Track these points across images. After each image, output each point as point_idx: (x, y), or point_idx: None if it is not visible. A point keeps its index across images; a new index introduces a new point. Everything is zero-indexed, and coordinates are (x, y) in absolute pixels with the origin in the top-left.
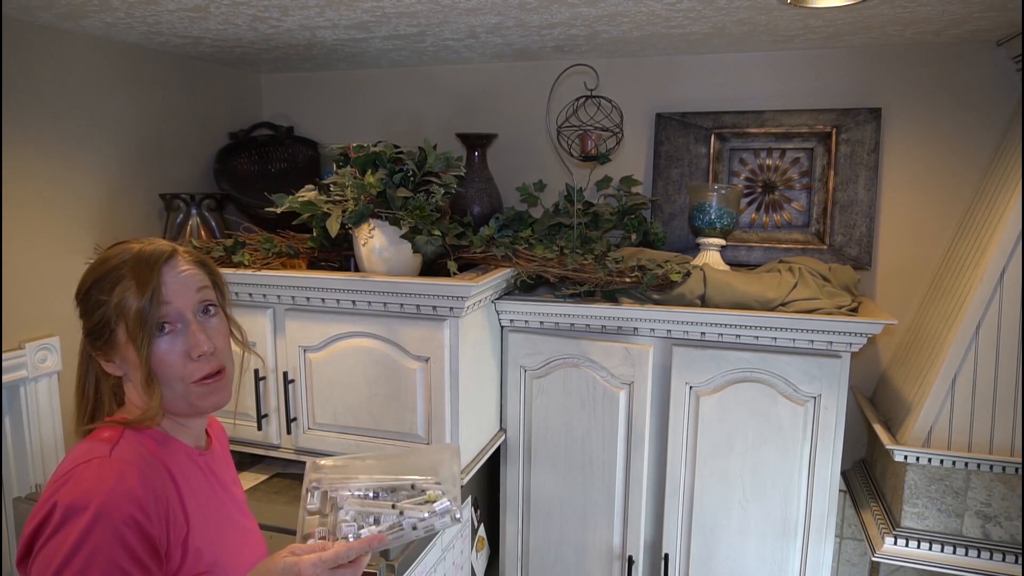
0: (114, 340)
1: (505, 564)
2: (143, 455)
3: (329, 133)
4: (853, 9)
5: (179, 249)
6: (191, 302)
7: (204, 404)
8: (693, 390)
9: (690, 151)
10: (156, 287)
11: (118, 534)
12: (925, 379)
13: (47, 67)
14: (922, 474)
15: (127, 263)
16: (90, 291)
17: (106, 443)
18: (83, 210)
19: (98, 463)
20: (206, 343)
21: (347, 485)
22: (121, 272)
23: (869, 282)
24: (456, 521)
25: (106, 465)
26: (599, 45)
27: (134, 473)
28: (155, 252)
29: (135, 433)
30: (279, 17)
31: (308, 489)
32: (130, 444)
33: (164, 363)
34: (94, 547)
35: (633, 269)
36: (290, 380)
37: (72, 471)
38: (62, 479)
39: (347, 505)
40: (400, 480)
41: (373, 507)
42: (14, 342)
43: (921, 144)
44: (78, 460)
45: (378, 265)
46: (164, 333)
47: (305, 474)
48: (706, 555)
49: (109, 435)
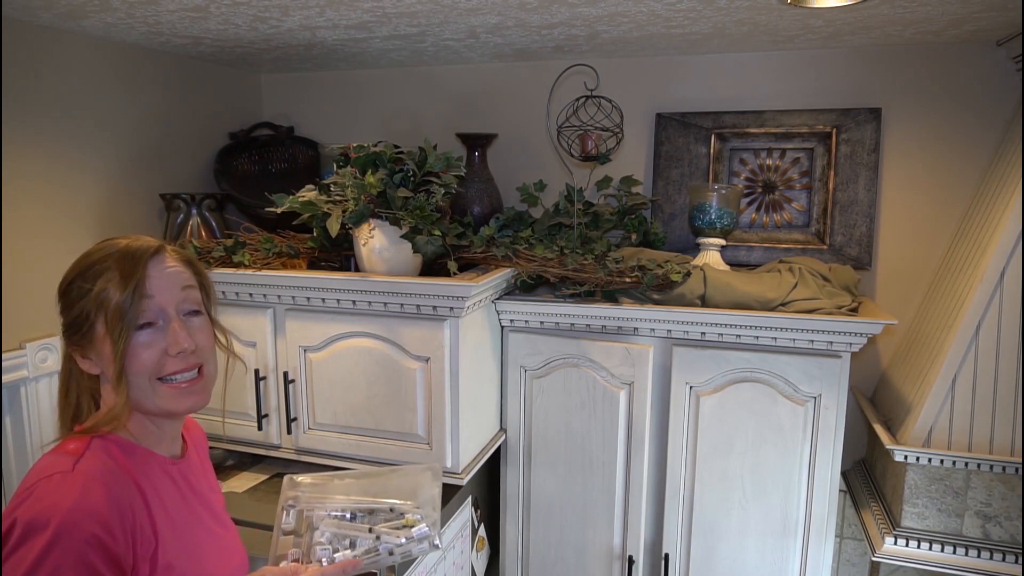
0: (92, 334)
1: (505, 564)
2: (109, 467)
3: (329, 133)
4: (853, 9)
5: (167, 246)
6: (174, 299)
7: (176, 405)
8: (693, 390)
9: (690, 151)
10: (140, 280)
11: (79, 553)
12: (925, 379)
13: (47, 67)
14: (922, 474)
15: (112, 256)
16: (72, 283)
17: (70, 456)
18: (83, 210)
19: (60, 478)
20: (186, 340)
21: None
22: (106, 264)
23: (869, 282)
24: (435, 547)
25: (68, 480)
26: (599, 45)
27: (98, 488)
28: (142, 247)
29: (102, 444)
30: (279, 17)
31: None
32: (95, 456)
33: (138, 359)
34: (54, 566)
35: (633, 269)
36: (290, 380)
37: (33, 486)
38: (23, 494)
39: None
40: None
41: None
42: (14, 342)
43: (921, 144)
44: (40, 474)
45: (378, 265)
46: (144, 328)
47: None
48: (706, 555)
49: (74, 447)
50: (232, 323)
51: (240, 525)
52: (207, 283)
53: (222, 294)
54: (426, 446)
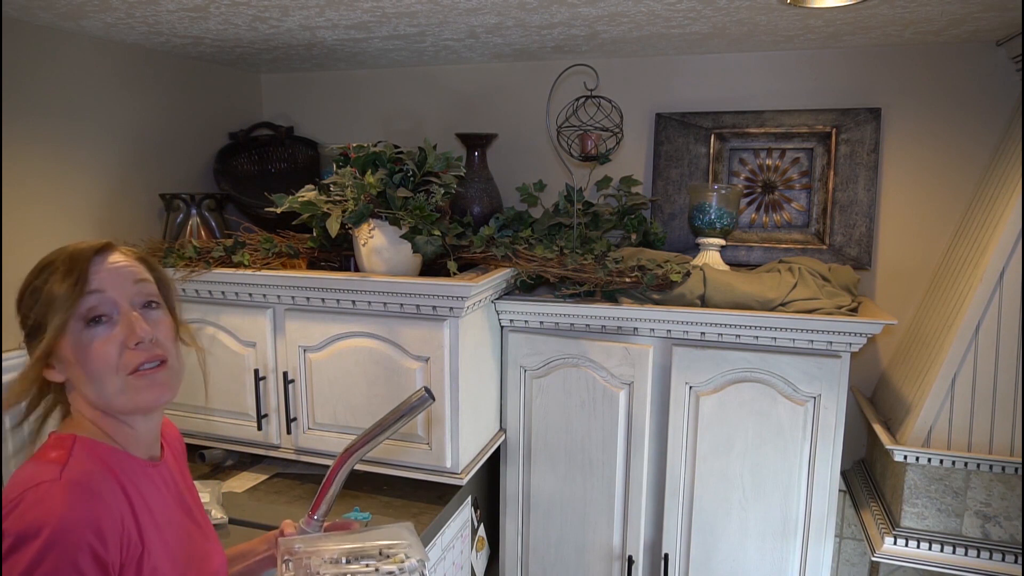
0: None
1: (505, 564)
2: (94, 474)
3: (329, 133)
4: (853, 9)
5: (117, 246)
6: (127, 293)
7: (143, 399)
8: (693, 390)
9: (690, 151)
10: (82, 272)
11: (72, 562)
12: (925, 379)
13: (47, 67)
14: (922, 474)
15: (60, 258)
16: (26, 291)
17: (55, 464)
18: (83, 210)
19: (48, 487)
20: (143, 330)
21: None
22: (54, 266)
23: (869, 282)
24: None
25: (56, 488)
26: (599, 45)
27: (87, 495)
28: (87, 247)
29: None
30: (279, 17)
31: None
32: (79, 463)
33: (99, 357)
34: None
35: (633, 269)
36: (290, 380)
37: (21, 496)
38: (10, 505)
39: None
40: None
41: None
42: (14, 342)
43: (921, 144)
44: (27, 484)
45: (378, 265)
46: (99, 324)
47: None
48: (706, 555)
49: (56, 455)
50: (232, 323)
51: (240, 525)
52: (163, 277)
53: (222, 294)
54: (426, 446)
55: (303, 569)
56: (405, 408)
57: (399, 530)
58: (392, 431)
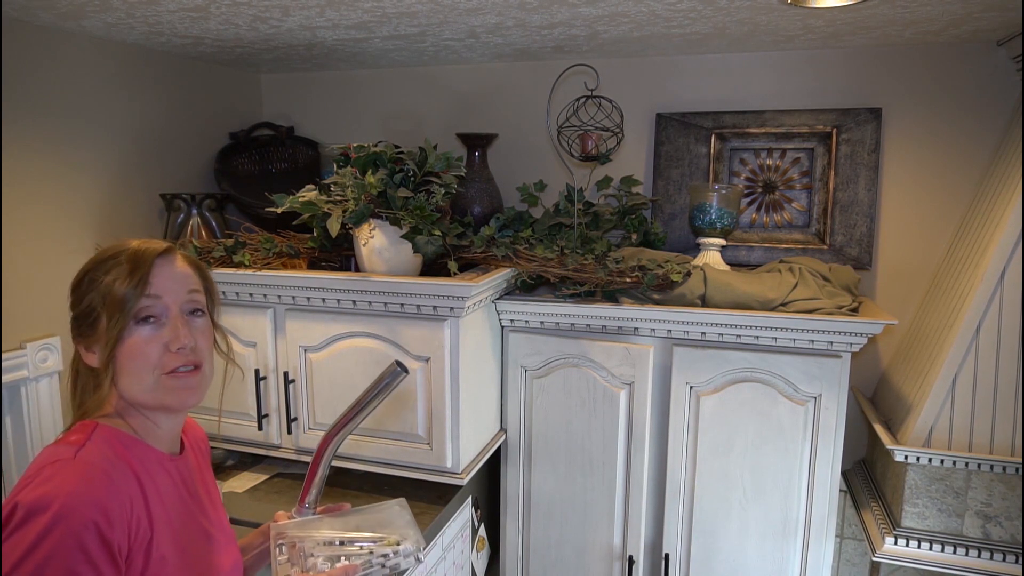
0: (97, 327)
1: (505, 564)
2: (109, 457)
3: (329, 133)
4: (853, 9)
5: (178, 250)
6: (179, 299)
7: (172, 399)
8: (693, 390)
9: (690, 151)
10: (145, 275)
11: (77, 538)
12: (925, 379)
13: (47, 67)
14: (922, 474)
15: (124, 253)
16: (85, 277)
17: (73, 446)
18: (84, 210)
19: (62, 465)
20: (187, 337)
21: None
22: (117, 260)
23: (869, 282)
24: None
25: (70, 467)
26: (599, 45)
27: (98, 476)
28: (153, 247)
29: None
30: (279, 17)
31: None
32: (97, 446)
33: (141, 353)
34: (51, 549)
35: (633, 269)
36: (290, 380)
37: (36, 473)
38: (26, 480)
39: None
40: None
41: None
42: (15, 342)
43: (921, 144)
44: (44, 462)
45: (378, 265)
46: (147, 324)
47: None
48: (706, 555)
49: (76, 438)
50: (232, 323)
51: (240, 525)
52: (212, 288)
53: (223, 294)
54: (426, 446)
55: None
56: (379, 384)
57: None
58: (370, 409)
